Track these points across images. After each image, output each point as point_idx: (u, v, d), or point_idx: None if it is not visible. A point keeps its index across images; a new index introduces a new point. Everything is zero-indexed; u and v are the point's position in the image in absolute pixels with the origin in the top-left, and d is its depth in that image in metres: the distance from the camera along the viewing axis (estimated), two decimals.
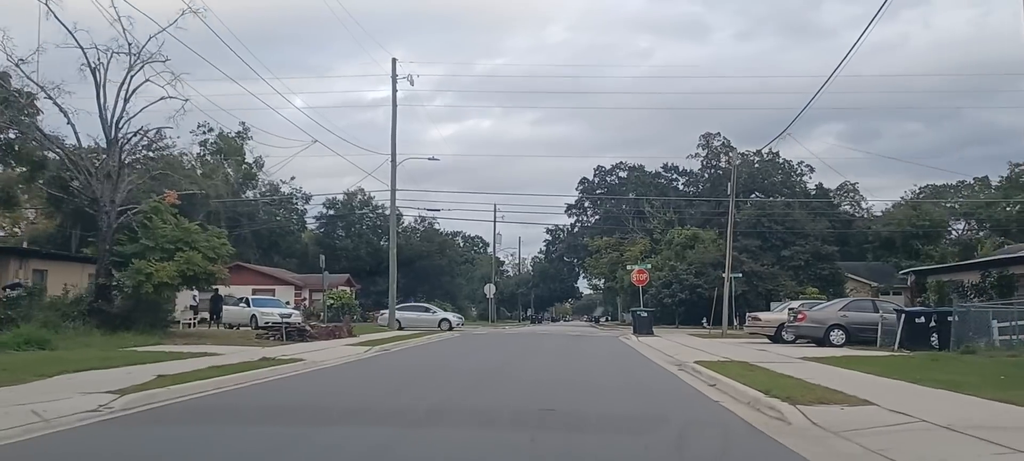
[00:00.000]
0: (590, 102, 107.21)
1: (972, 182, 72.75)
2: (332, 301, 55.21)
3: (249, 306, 32.28)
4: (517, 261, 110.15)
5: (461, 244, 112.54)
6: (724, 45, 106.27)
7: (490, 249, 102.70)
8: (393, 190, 38.88)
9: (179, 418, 9.05)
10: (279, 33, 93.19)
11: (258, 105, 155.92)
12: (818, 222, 55.33)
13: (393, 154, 38.88)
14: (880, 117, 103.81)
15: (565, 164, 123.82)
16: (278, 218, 70.66)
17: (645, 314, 34.08)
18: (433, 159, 42.97)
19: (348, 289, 58.98)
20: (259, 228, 66.99)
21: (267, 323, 29.95)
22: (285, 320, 31.26)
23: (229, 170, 68.79)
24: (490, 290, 55.37)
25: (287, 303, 53.25)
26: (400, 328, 38.56)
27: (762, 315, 26.75)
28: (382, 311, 67.86)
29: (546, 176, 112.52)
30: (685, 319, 52.26)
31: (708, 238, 61.28)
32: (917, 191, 73.63)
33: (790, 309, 25.21)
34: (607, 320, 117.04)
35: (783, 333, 25.72)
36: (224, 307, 32.99)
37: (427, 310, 47.25)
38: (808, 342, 24.13)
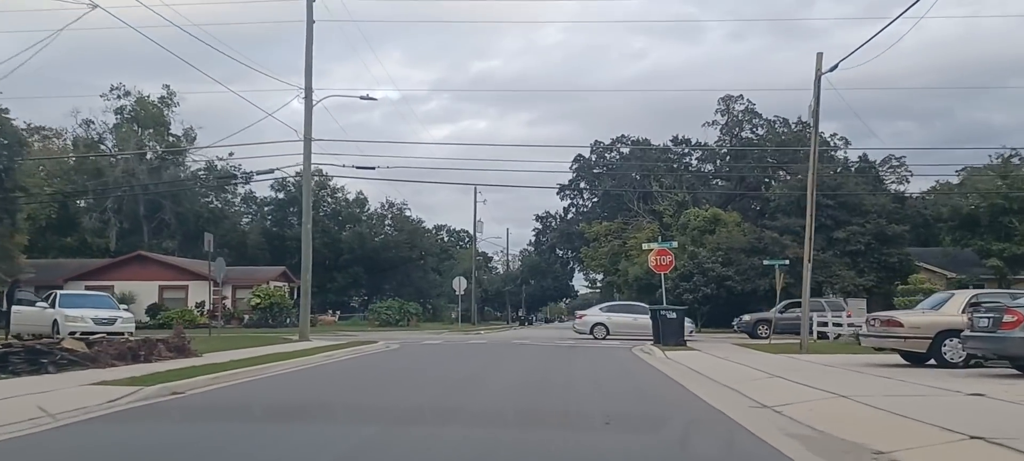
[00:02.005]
0: (585, 102, 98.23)
1: (1019, 162, 62.13)
2: (258, 300, 43.54)
3: (55, 307, 20.43)
4: (505, 255, 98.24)
5: (445, 239, 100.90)
6: (717, 45, 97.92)
7: (477, 243, 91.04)
8: (308, 138, 27.12)
9: None
10: (270, 36, 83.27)
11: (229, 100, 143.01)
12: (878, 197, 43.83)
13: (308, 87, 27.14)
14: (873, 115, 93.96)
15: (560, 162, 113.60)
16: (209, 200, 58.72)
17: (674, 314, 22.28)
18: (367, 98, 29.83)
19: (284, 285, 47.16)
20: (183, 211, 55.10)
21: (73, 332, 18.40)
22: (104, 328, 19.70)
23: (152, 142, 57.11)
24: (460, 284, 43.32)
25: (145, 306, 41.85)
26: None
27: (903, 315, 15.00)
28: (330, 312, 56.28)
29: (541, 175, 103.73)
30: (710, 321, 40.64)
31: (731, 220, 49.82)
32: (957, 172, 62.99)
33: (972, 305, 13.56)
34: None
35: (944, 349, 14.10)
36: (13, 309, 21.15)
37: (645, 312, 29.16)
38: (1010, 367, 12.50)
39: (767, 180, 55.85)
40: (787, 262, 37.64)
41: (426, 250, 72.52)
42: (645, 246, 27.50)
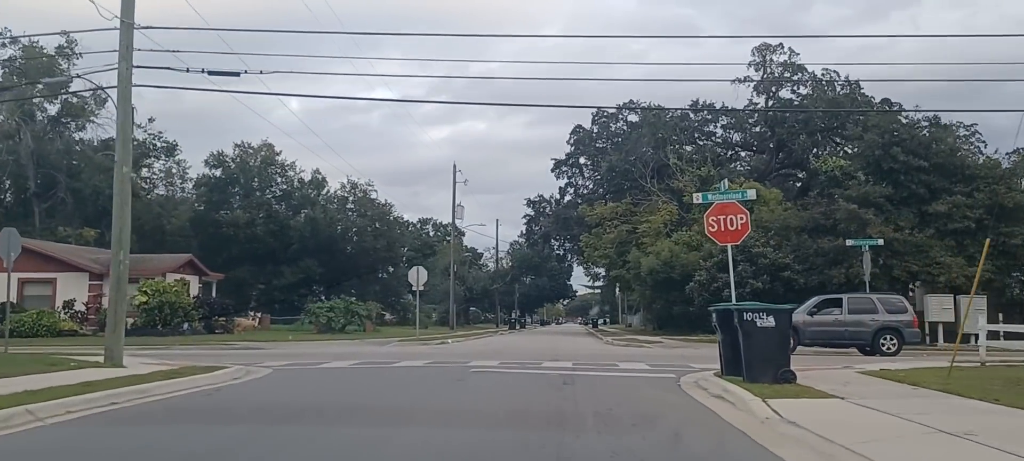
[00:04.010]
0: (582, 103, 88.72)
1: None
2: (146, 298, 32.34)
3: None
4: (495, 250, 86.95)
5: (430, 233, 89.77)
6: (715, 46, 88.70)
7: (465, 240, 79.83)
8: (128, 22, 16.06)
9: None
10: (269, 39, 72.44)
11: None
12: (983, 158, 32.82)
13: None
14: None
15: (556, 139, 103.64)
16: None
17: (772, 321, 10.96)
18: None
19: (191, 278, 35.97)
20: (81, 187, 43.90)
21: None
22: None
23: (42, 101, 45.88)
24: (418, 276, 32.03)
25: None
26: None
27: None
28: (251, 314, 45.02)
29: (538, 177, 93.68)
30: None
31: (772, 198, 38.85)
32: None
33: None
34: (605, 322, 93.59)
35: None
36: None
37: None
38: None
39: (814, 150, 44.81)
40: (880, 242, 26.66)
41: (397, 240, 61.23)
42: (698, 199, 16.24)
